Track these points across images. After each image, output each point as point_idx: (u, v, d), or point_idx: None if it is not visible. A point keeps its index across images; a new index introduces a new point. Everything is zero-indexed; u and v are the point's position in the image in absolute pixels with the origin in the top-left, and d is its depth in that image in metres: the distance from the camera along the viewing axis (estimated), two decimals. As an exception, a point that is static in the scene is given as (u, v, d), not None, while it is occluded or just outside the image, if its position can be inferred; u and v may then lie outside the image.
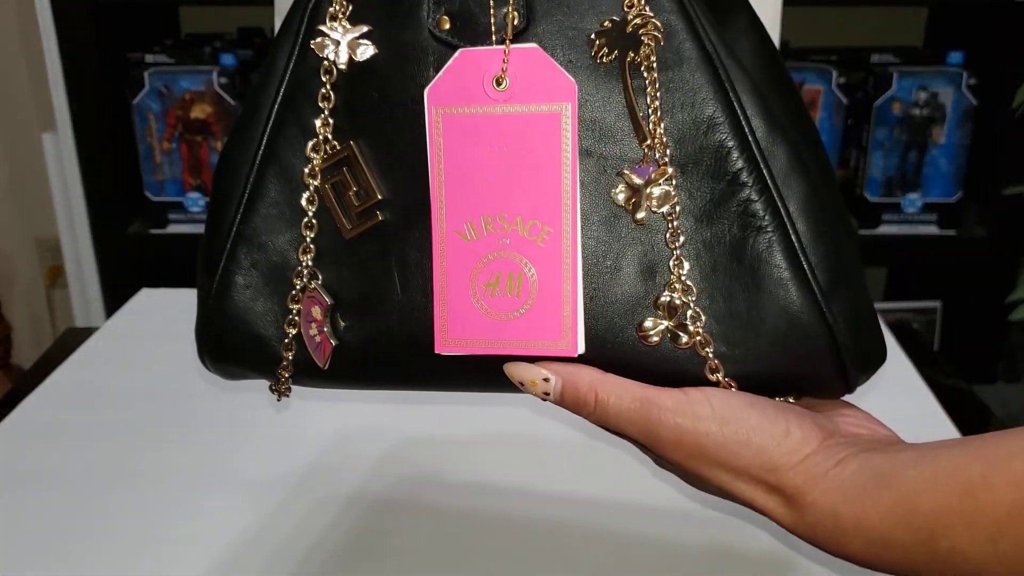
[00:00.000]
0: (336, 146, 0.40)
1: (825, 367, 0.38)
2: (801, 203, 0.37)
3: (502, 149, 0.37)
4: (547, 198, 0.37)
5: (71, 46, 1.32)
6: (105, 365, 0.83)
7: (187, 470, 0.67)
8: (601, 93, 0.37)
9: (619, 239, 0.38)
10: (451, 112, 0.37)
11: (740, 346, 0.37)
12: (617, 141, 0.37)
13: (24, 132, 1.70)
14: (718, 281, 0.37)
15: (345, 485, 0.65)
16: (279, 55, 0.41)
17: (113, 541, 0.60)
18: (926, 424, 0.73)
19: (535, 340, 0.38)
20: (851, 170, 1.48)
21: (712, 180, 0.37)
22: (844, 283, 0.37)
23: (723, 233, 0.37)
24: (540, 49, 0.37)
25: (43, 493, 0.65)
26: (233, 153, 0.42)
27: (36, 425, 0.73)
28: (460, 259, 0.38)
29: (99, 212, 1.41)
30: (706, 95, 0.37)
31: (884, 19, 1.62)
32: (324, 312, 0.40)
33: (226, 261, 0.41)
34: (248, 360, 0.43)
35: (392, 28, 0.39)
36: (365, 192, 0.39)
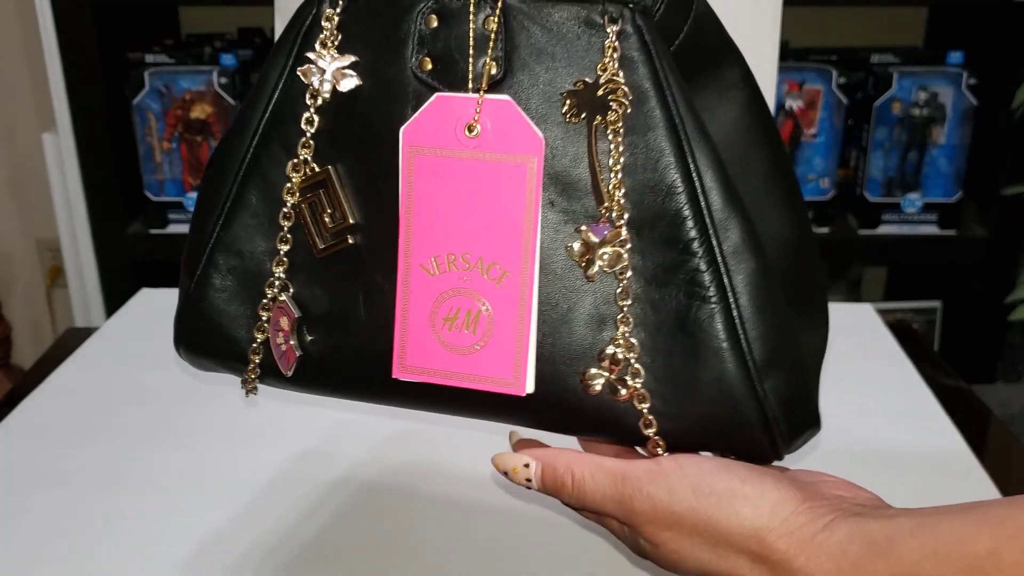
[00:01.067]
0: (315, 168, 0.41)
1: (755, 436, 0.39)
2: (747, 280, 0.38)
3: (470, 192, 0.39)
4: (509, 243, 0.38)
5: (71, 46, 1.32)
6: (105, 365, 0.83)
7: (187, 470, 0.67)
8: (571, 149, 0.38)
9: (574, 289, 0.39)
10: (424, 153, 0.39)
11: (674, 406, 0.39)
12: (582, 196, 0.38)
13: (24, 132, 1.70)
14: (661, 342, 0.38)
15: (345, 485, 0.65)
16: (271, 73, 0.42)
17: (113, 541, 0.60)
18: (926, 424, 0.73)
19: (487, 376, 0.40)
20: (851, 170, 1.48)
21: (665, 246, 0.38)
22: (780, 362, 0.38)
23: (670, 297, 0.38)
24: (512, 102, 0.38)
25: (43, 493, 0.65)
26: (220, 161, 0.43)
27: (36, 425, 0.73)
28: (422, 292, 0.40)
29: (99, 212, 1.41)
30: (668, 162, 0.37)
31: (884, 19, 1.62)
32: (291, 324, 0.42)
33: (205, 263, 0.43)
34: (218, 357, 0.45)
35: (378, 62, 0.40)
36: (340, 216, 0.41)
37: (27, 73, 1.68)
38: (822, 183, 1.39)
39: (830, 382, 0.81)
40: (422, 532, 0.60)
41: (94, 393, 0.78)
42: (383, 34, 0.40)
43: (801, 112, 1.36)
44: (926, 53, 1.47)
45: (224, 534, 0.61)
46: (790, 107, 1.35)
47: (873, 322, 0.92)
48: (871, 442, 0.71)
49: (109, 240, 1.42)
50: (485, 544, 0.59)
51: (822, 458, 0.69)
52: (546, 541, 0.59)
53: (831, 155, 1.38)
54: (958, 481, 0.66)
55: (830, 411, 0.76)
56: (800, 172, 1.38)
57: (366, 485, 0.65)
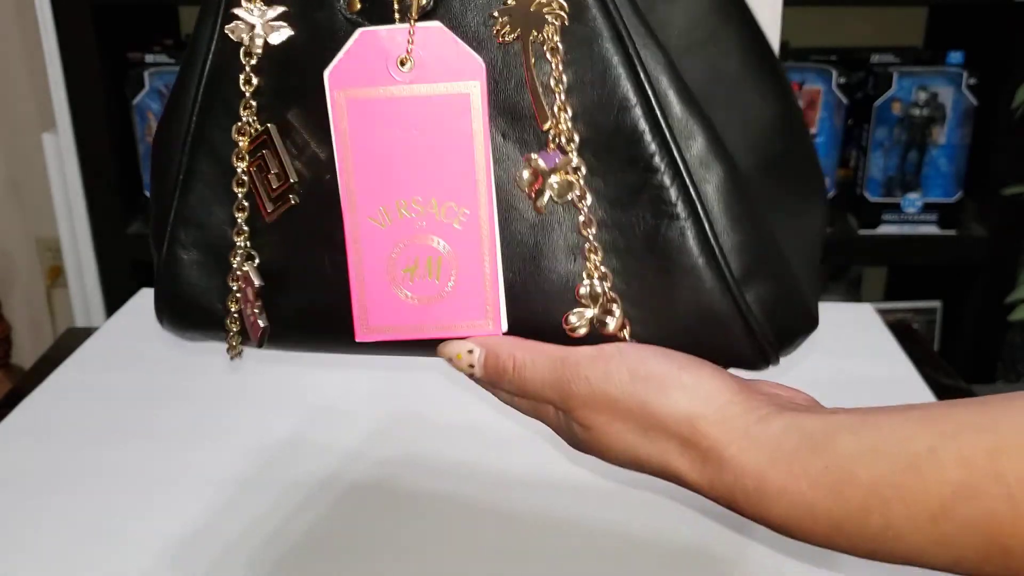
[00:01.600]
0: (256, 127, 0.39)
1: (743, 349, 0.38)
2: (718, 189, 0.36)
3: (411, 132, 0.36)
4: (461, 180, 0.36)
5: (71, 46, 1.32)
6: (105, 365, 0.83)
7: (187, 469, 0.67)
8: (515, 73, 0.36)
9: (540, 223, 0.37)
10: (355, 96, 0.36)
11: (655, 329, 0.37)
12: (523, 120, 0.36)
13: (24, 132, 1.70)
14: (634, 266, 0.37)
15: (343, 481, 0.65)
16: (201, 35, 0.40)
17: (113, 540, 0.60)
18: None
19: (459, 322, 0.38)
20: (851, 170, 1.48)
21: (625, 165, 0.36)
22: (761, 269, 0.37)
23: (637, 220, 0.36)
24: (444, 28, 0.36)
25: (43, 493, 0.65)
26: (165, 134, 0.42)
27: (36, 425, 0.73)
28: (375, 245, 0.38)
29: (99, 212, 1.41)
30: (617, 74, 0.35)
31: (884, 19, 1.62)
32: (254, 293, 0.41)
33: (169, 239, 0.42)
34: (200, 327, 0.45)
35: (308, 9, 0.38)
36: (283, 174, 0.39)
37: (27, 73, 1.68)
38: (822, 183, 1.39)
39: (830, 382, 0.81)
40: (412, 523, 0.60)
41: (94, 393, 0.78)
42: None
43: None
44: (926, 53, 1.47)
45: (223, 532, 0.61)
46: (790, 107, 1.36)
47: (873, 322, 0.92)
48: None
49: (109, 240, 1.42)
50: (475, 536, 0.59)
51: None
52: (537, 530, 0.59)
53: (831, 155, 1.38)
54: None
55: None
56: (800, 172, 1.38)
57: (360, 479, 0.65)
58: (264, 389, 0.72)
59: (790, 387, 0.39)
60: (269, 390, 0.66)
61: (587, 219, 0.36)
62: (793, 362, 0.85)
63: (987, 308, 1.46)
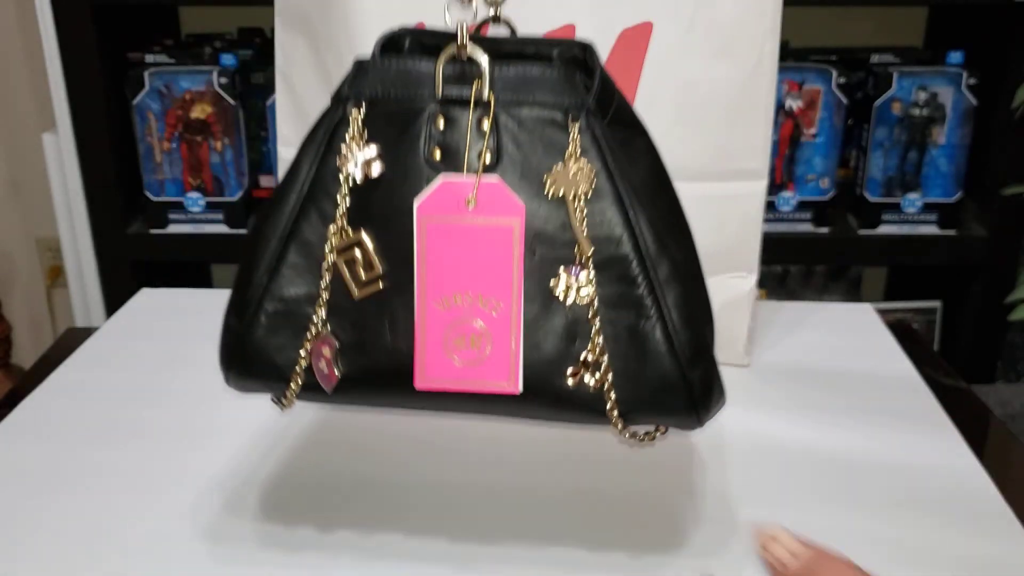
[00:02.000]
0: (350, 232, 0.52)
1: (685, 411, 0.52)
2: (675, 301, 0.51)
3: (469, 248, 0.51)
4: (500, 283, 0.51)
5: (71, 46, 1.33)
6: (105, 365, 0.83)
7: (188, 469, 0.67)
8: (541, 212, 0.51)
9: (552, 313, 0.51)
10: (434, 220, 0.51)
11: (630, 393, 0.52)
12: (553, 246, 0.51)
13: (24, 132, 1.70)
14: (620, 348, 0.51)
15: (344, 480, 0.65)
16: (304, 160, 0.53)
17: (113, 540, 0.60)
18: (926, 424, 0.74)
19: (489, 381, 0.51)
20: (851, 170, 1.48)
21: (619, 280, 0.51)
22: (700, 357, 0.52)
23: (624, 316, 0.51)
24: (502, 182, 0.50)
25: (44, 493, 0.65)
26: (264, 228, 0.54)
27: (36, 425, 0.73)
28: (436, 322, 0.51)
29: (99, 212, 1.41)
30: (616, 220, 0.51)
31: (884, 19, 1.62)
32: (333, 352, 0.53)
33: (255, 308, 0.54)
34: (264, 381, 0.55)
35: (399, 152, 0.52)
36: (372, 267, 0.52)
37: (27, 73, 1.68)
38: (822, 183, 1.39)
39: (830, 382, 0.81)
40: (413, 521, 0.61)
41: (94, 393, 0.78)
42: (400, 130, 0.52)
43: (801, 112, 1.36)
44: (926, 53, 1.47)
45: (225, 531, 0.61)
46: (790, 107, 1.36)
47: (873, 322, 0.92)
48: (871, 442, 0.71)
49: (109, 240, 1.42)
50: (477, 524, 0.59)
51: (822, 458, 0.69)
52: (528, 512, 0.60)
53: (831, 155, 1.38)
54: (958, 482, 0.66)
55: (830, 411, 0.76)
56: (800, 172, 1.38)
57: (362, 477, 0.65)
58: (264, 389, 0.72)
59: None
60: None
61: (593, 313, 0.51)
62: (793, 362, 0.85)
63: (987, 308, 1.46)
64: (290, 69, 0.87)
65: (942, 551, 0.59)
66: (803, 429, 0.73)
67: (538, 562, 0.58)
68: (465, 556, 0.59)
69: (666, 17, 0.77)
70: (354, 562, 0.59)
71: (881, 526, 0.61)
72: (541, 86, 0.51)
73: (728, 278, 0.83)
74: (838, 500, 0.64)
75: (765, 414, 0.75)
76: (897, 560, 0.58)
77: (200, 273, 1.71)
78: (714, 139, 0.79)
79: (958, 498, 0.64)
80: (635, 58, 0.78)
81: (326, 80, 0.85)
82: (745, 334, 0.84)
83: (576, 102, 0.51)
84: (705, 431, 0.72)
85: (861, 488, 0.65)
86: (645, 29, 0.78)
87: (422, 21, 0.81)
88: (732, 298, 0.83)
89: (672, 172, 0.80)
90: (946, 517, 0.62)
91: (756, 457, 0.69)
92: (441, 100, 0.52)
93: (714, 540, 0.61)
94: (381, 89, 0.53)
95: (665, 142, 0.78)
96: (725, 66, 0.76)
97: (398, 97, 0.52)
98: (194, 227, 1.40)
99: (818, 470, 0.67)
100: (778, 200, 1.40)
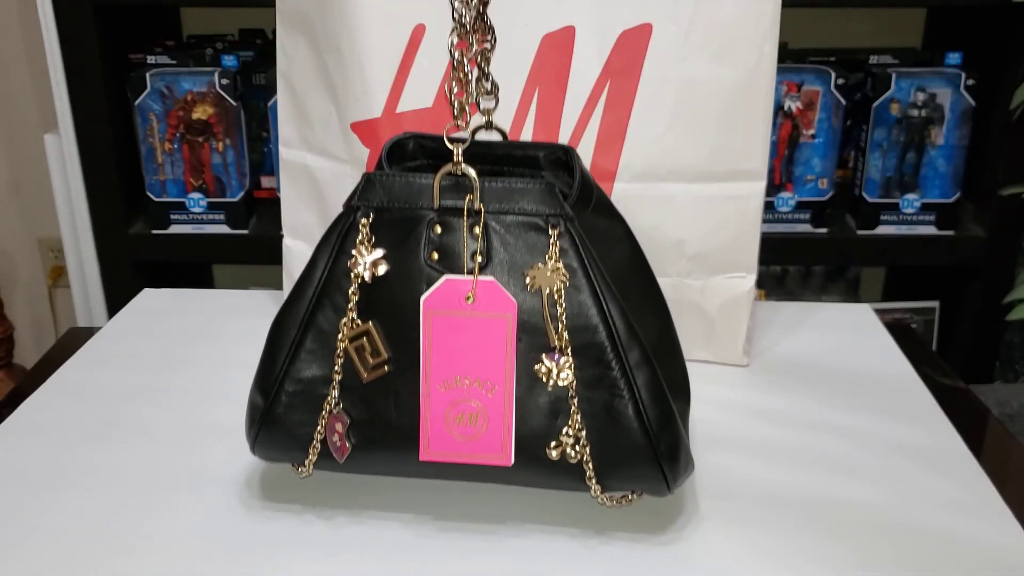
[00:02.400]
0: (359, 323, 0.59)
1: (655, 479, 0.58)
2: (645, 382, 0.57)
3: (468, 338, 0.57)
4: (495, 368, 0.57)
5: (73, 47, 1.33)
6: (107, 365, 0.84)
7: (189, 468, 0.68)
8: (528, 305, 0.58)
9: (537, 394, 0.58)
10: (437, 313, 0.57)
11: (606, 463, 0.58)
12: (538, 334, 0.58)
13: (26, 133, 1.71)
14: (596, 424, 0.57)
15: (348, 481, 0.65)
16: (319, 259, 0.60)
17: (115, 539, 0.60)
18: (925, 424, 0.74)
19: (485, 454, 0.58)
20: (850, 171, 1.49)
21: (595, 364, 0.57)
22: (669, 430, 0.57)
23: (600, 396, 0.57)
24: (496, 282, 0.57)
25: (45, 493, 0.65)
26: (285, 319, 0.61)
27: (38, 425, 0.74)
28: (439, 402, 0.58)
29: (101, 213, 1.41)
30: (593, 312, 0.57)
31: (883, 20, 1.62)
32: (344, 428, 0.59)
33: (277, 388, 0.60)
34: (286, 451, 0.61)
35: (401, 254, 0.59)
36: (378, 353, 0.59)
37: (29, 74, 1.68)
38: (820, 184, 1.39)
39: (830, 382, 0.81)
40: (415, 519, 0.61)
41: (96, 393, 0.78)
42: (403, 236, 0.59)
43: (800, 113, 1.36)
44: (924, 54, 1.48)
45: (226, 529, 0.61)
46: (789, 108, 1.36)
47: (872, 322, 0.93)
48: (870, 442, 0.71)
49: (111, 240, 1.43)
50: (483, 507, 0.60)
51: (823, 458, 0.69)
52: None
53: (829, 156, 1.38)
54: (956, 481, 0.66)
55: (831, 411, 0.76)
56: (798, 173, 1.39)
57: (369, 476, 0.65)
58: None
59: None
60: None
61: (573, 393, 0.57)
62: (791, 362, 0.85)
63: (985, 308, 1.47)
64: (291, 70, 0.88)
65: (940, 547, 0.59)
66: (800, 428, 0.73)
67: (533, 552, 0.59)
68: (465, 549, 0.59)
69: (665, 18, 0.77)
70: (355, 557, 0.59)
71: (879, 523, 0.62)
72: (525, 196, 0.58)
73: (727, 278, 0.83)
74: (835, 499, 0.64)
75: (763, 413, 0.76)
76: (897, 556, 0.58)
77: (202, 273, 1.71)
78: (713, 139, 0.79)
79: (958, 497, 0.65)
80: (635, 59, 0.78)
81: (326, 81, 0.85)
82: (744, 334, 0.84)
83: (555, 211, 0.58)
84: (704, 427, 0.72)
85: (858, 487, 0.66)
86: (645, 30, 0.78)
87: (421, 23, 0.81)
88: (731, 298, 0.83)
89: (671, 173, 0.80)
90: (943, 512, 0.63)
91: (754, 455, 0.69)
92: (439, 209, 0.58)
93: (709, 538, 0.61)
94: (387, 199, 0.59)
95: (664, 142, 0.79)
96: (724, 67, 0.76)
97: (401, 206, 0.59)
98: (195, 227, 1.40)
99: (815, 469, 0.68)
100: (777, 201, 1.40)
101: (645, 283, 0.65)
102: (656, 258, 0.83)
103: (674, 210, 0.81)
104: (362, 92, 0.82)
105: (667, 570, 0.58)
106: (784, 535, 0.61)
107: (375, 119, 0.83)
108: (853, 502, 0.64)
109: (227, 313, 0.94)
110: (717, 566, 0.58)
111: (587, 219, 0.60)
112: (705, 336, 0.84)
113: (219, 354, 0.85)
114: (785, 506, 0.63)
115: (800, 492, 0.65)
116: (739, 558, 0.59)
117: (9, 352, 1.66)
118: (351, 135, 0.84)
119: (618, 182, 0.80)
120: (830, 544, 0.60)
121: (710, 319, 0.84)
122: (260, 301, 0.96)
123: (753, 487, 0.66)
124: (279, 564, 0.58)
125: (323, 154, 0.87)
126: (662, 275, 0.83)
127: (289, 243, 0.92)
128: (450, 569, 0.58)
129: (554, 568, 0.58)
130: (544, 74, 0.80)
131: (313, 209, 0.90)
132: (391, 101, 0.82)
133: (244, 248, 1.41)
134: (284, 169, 0.90)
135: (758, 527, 0.62)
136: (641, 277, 0.65)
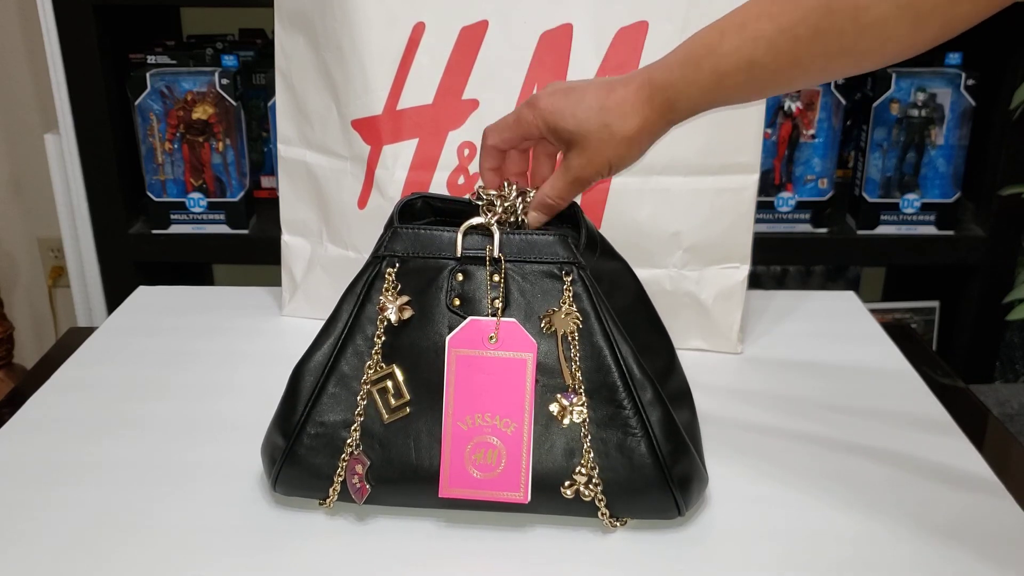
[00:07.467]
0: (383, 367, 0.62)
1: (669, 508, 0.61)
2: (659, 420, 0.60)
3: (490, 376, 0.60)
4: (514, 407, 0.60)
5: (73, 47, 1.33)
6: (107, 362, 0.84)
7: (190, 463, 0.68)
8: (545, 347, 0.61)
9: (552, 433, 0.61)
10: (462, 353, 0.60)
11: (620, 498, 0.60)
12: (555, 375, 0.61)
13: (26, 133, 1.71)
14: (610, 462, 0.60)
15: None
16: (344, 306, 0.63)
17: (116, 537, 0.60)
18: (926, 423, 0.74)
19: (503, 491, 0.60)
20: (850, 171, 1.49)
21: (608, 403, 0.61)
22: (682, 463, 0.60)
23: (613, 434, 0.60)
24: (517, 323, 0.61)
25: (47, 491, 0.65)
26: (308, 363, 0.63)
27: (39, 424, 0.74)
28: (460, 439, 0.60)
29: (101, 212, 1.42)
30: (605, 354, 0.61)
31: (883, 20, 1.62)
32: (364, 469, 0.61)
33: (298, 430, 0.62)
34: (307, 490, 0.63)
35: (425, 300, 0.63)
36: (401, 396, 0.62)
37: (29, 74, 1.69)
38: (820, 184, 1.39)
39: (830, 382, 0.81)
40: (415, 518, 0.61)
41: (97, 389, 0.78)
42: (426, 283, 0.63)
43: (800, 113, 1.36)
44: (924, 54, 1.47)
45: (227, 525, 0.61)
46: (789, 108, 1.36)
47: (857, 308, 0.93)
48: (870, 441, 0.71)
49: (111, 240, 1.43)
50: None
51: (823, 457, 0.69)
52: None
53: (829, 156, 1.38)
54: (959, 479, 0.66)
55: (831, 411, 0.77)
56: (798, 173, 1.39)
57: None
58: (265, 384, 0.72)
59: None
60: (270, 385, 0.67)
61: (586, 432, 0.60)
62: (783, 348, 0.85)
63: (985, 308, 1.46)
64: (290, 68, 0.88)
65: (938, 528, 0.59)
66: (793, 412, 0.73)
67: (533, 550, 0.59)
68: (464, 548, 0.59)
69: (661, 16, 0.78)
70: (355, 554, 0.59)
71: (874, 504, 0.62)
72: (541, 249, 0.62)
73: (721, 269, 0.84)
74: (828, 479, 0.64)
75: (756, 399, 0.76)
76: (894, 536, 0.58)
77: (202, 273, 1.71)
78: (707, 134, 0.80)
79: (960, 497, 0.65)
80: (631, 55, 0.78)
81: (326, 78, 0.85)
82: (738, 323, 0.85)
83: (569, 259, 0.62)
84: (700, 416, 0.72)
85: (851, 462, 0.66)
86: (641, 27, 0.78)
87: (421, 21, 0.81)
88: (725, 288, 0.84)
89: (666, 166, 0.81)
90: (938, 491, 0.63)
91: (747, 441, 0.70)
92: (460, 259, 0.62)
93: (706, 525, 0.61)
94: (411, 250, 0.63)
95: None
96: (722, 65, 0.76)
97: (424, 256, 0.63)
98: (196, 227, 1.40)
99: (807, 451, 0.68)
100: (777, 201, 1.40)
101: (648, 311, 0.70)
102: (653, 250, 0.83)
103: (670, 203, 0.81)
104: (363, 89, 0.82)
105: (660, 552, 0.58)
106: (784, 509, 0.61)
107: (376, 116, 0.83)
108: (846, 477, 0.64)
109: (223, 309, 0.94)
110: (712, 547, 0.58)
111: (595, 264, 0.64)
112: (700, 326, 0.85)
113: (217, 349, 0.86)
114: (776, 489, 0.64)
115: (790, 474, 0.65)
116: (731, 539, 0.59)
117: (9, 352, 1.66)
118: (351, 132, 0.84)
119: (616, 176, 0.80)
120: (827, 520, 0.60)
121: (705, 309, 0.84)
122: (255, 296, 0.96)
123: (746, 471, 0.66)
124: (282, 554, 0.59)
125: (322, 151, 0.87)
126: (659, 267, 0.84)
127: (288, 239, 0.92)
128: (469, 548, 0.58)
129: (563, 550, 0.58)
130: (542, 71, 0.80)
131: (312, 206, 0.90)
132: (392, 98, 0.82)
133: (244, 248, 1.41)
134: (283, 166, 0.91)
135: (753, 507, 0.62)
136: (645, 307, 0.69)
